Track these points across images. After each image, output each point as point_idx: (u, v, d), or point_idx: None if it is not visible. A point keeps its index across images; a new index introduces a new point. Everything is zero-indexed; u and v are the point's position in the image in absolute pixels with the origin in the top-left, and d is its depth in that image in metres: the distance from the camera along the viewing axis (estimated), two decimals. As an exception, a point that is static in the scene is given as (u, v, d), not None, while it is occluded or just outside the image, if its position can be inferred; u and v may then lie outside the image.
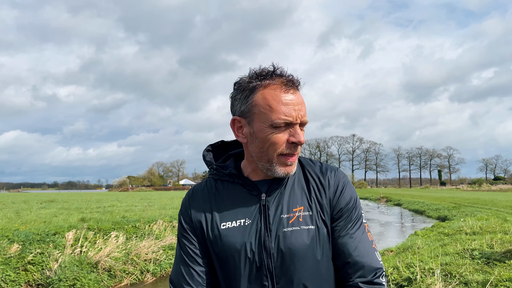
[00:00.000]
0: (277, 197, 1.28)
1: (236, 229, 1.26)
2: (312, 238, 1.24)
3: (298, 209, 1.26)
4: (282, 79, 1.23)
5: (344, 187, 1.33)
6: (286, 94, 1.22)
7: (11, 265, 8.14)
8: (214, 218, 1.30)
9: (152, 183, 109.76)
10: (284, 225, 1.24)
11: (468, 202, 25.23)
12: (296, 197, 1.29)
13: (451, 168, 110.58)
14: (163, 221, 12.67)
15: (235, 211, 1.28)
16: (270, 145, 1.23)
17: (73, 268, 8.36)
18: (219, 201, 1.32)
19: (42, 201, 23.61)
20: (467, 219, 13.41)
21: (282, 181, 1.29)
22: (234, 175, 1.32)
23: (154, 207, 18.54)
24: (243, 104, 1.26)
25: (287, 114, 1.20)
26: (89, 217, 12.98)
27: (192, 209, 1.34)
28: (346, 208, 1.31)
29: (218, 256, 1.28)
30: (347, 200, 1.32)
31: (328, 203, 1.30)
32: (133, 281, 9.13)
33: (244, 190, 1.31)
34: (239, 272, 1.24)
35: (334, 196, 1.31)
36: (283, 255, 1.22)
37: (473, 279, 5.48)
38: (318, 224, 1.26)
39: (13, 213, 14.22)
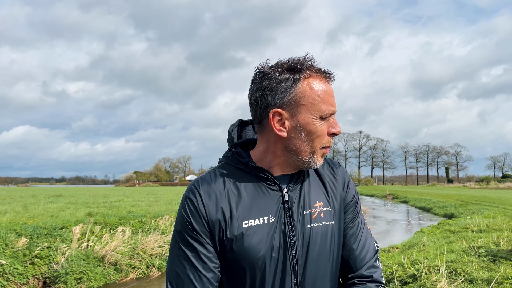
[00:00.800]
0: (298, 193, 1.23)
1: (260, 227, 1.17)
2: (332, 233, 1.25)
3: (319, 205, 1.24)
4: (321, 70, 1.20)
5: (349, 180, 1.36)
6: (327, 85, 1.20)
7: (19, 258, 8.24)
8: (234, 215, 1.17)
9: (158, 178, 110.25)
10: (308, 221, 1.20)
11: (475, 200, 25.07)
12: (316, 192, 1.27)
13: (458, 166, 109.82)
14: (169, 216, 12.73)
15: (257, 208, 1.18)
16: (317, 137, 1.18)
17: (80, 262, 8.44)
18: (238, 195, 1.20)
19: (49, 196, 23.83)
20: (473, 217, 13.34)
21: (301, 176, 1.26)
22: (254, 168, 1.22)
23: (160, 202, 18.64)
24: (285, 95, 1.16)
25: (333, 104, 1.20)
26: (96, 212, 13.08)
27: (207, 206, 1.18)
28: (353, 200, 1.34)
29: (239, 258, 1.16)
30: (353, 193, 1.35)
31: (340, 197, 1.31)
32: (139, 275, 9.21)
33: (263, 185, 1.21)
34: (264, 273, 1.16)
35: (343, 190, 1.33)
36: (308, 252, 1.19)
37: (479, 276, 5.46)
38: (337, 219, 1.28)
39: (21, 207, 14.37)
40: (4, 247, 8.34)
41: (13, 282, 7.75)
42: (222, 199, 1.19)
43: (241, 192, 1.20)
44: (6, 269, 7.77)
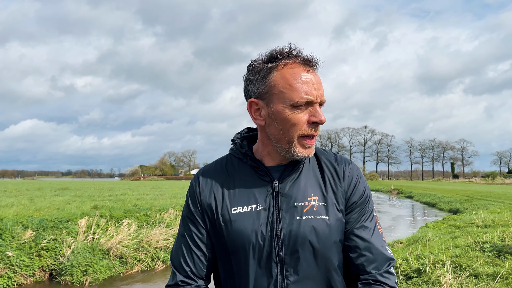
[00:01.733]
0: (291, 185, 1.24)
1: (247, 214, 1.22)
2: (326, 228, 1.21)
3: (313, 198, 1.23)
4: (300, 58, 1.20)
5: (358, 179, 1.31)
6: (306, 73, 1.18)
7: (25, 250, 8.32)
8: (225, 201, 1.25)
9: (163, 172, 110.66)
10: (298, 213, 1.20)
11: (480, 195, 24.96)
12: (311, 186, 1.25)
13: (464, 161, 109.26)
14: (174, 210, 12.79)
15: (247, 196, 1.24)
16: (290, 126, 1.19)
17: (86, 254, 8.50)
18: (231, 183, 1.27)
19: (55, 189, 23.99)
20: (479, 212, 13.28)
21: (296, 168, 1.26)
22: (248, 157, 1.28)
23: (165, 196, 18.72)
24: (260, 85, 1.22)
25: (308, 92, 1.17)
26: (102, 205, 13.16)
27: (202, 191, 1.29)
28: (360, 200, 1.29)
29: (226, 241, 1.23)
30: (361, 192, 1.30)
31: (343, 195, 1.27)
32: (144, 268, 9.27)
33: (256, 175, 1.27)
34: (248, 259, 1.20)
35: (349, 188, 1.28)
36: (295, 244, 1.19)
37: (483, 271, 5.44)
38: (332, 215, 1.23)
39: (27, 200, 14.48)
40: (11, 239, 8.41)
41: (19, 274, 7.83)
42: (217, 186, 1.29)
43: (235, 180, 1.28)
44: (12, 261, 7.85)
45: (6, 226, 8.72)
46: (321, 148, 1.37)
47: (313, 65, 1.21)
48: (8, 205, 12.38)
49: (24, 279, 7.89)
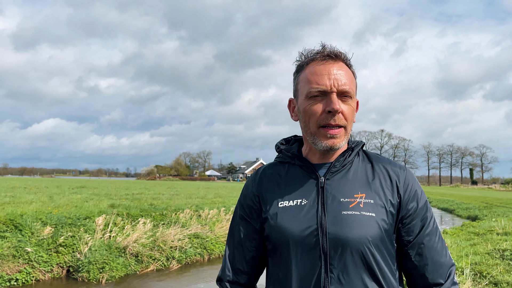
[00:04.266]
0: (338, 181, 1.27)
1: (292, 208, 1.25)
2: (372, 225, 1.20)
3: (360, 196, 1.24)
4: (321, 54, 1.26)
5: (415, 185, 1.30)
6: (323, 66, 1.24)
7: (44, 246, 8.46)
8: (274, 197, 1.30)
9: (178, 172, 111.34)
10: (344, 208, 1.22)
11: (500, 202, 24.44)
12: (359, 184, 1.26)
13: (483, 167, 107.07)
14: (190, 210, 12.85)
15: (294, 192, 1.28)
16: (309, 117, 1.24)
17: (102, 252, 8.61)
18: (280, 182, 1.33)
19: (73, 187, 24.36)
20: (499, 219, 13.00)
21: (342, 166, 1.29)
22: (296, 156, 1.33)
23: (180, 196, 18.83)
24: (294, 84, 1.34)
25: (320, 82, 1.22)
26: (118, 204, 13.30)
27: (255, 190, 1.36)
28: (416, 213, 1.27)
29: (272, 234, 1.27)
30: (420, 198, 1.29)
31: (396, 201, 1.26)
32: (159, 267, 9.33)
33: (303, 173, 1.31)
34: (292, 251, 1.23)
35: (405, 194, 1.27)
36: (340, 238, 1.19)
37: (504, 279, 5.32)
38: (379, 214, 1.22)
39: (46, 197, 14.73)
40: (30, 235, 8.57)
41: (38, 270, 7.96)
42: (268, 184, 1.35)
43: (284, 178, 1.34)
44: (31, 256, 7.99)
45: (26, 222, 8.89)
46: (376, 153, 1.38)
47: (334, 58, 1.25)
48: (28, 201, 12.62)
49: (42, 274, 8.02)
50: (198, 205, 14.25)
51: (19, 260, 7.85)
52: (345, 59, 1.27)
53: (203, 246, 10.72)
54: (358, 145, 1.35)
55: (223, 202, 16.09)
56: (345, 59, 1.27)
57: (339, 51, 1.26)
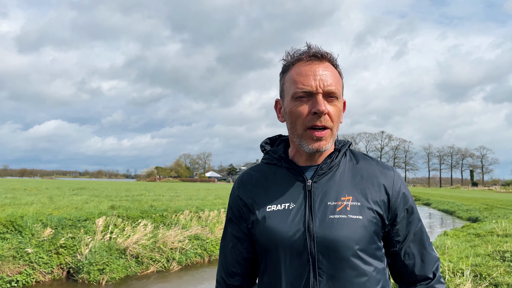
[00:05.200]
0: (325, 184, 1.26)
1: (280, 212, 1.25)
2: (359, 228, 1.20)
3: (347, 198, 1.23)
4: (307, 54, 1.24)
5: (401, 187, 1.30)
6: (308, 66, 1.22)
7: (44, 248, 8.46)
8: (261, 201, 1.30)
9: (179, 174, 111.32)
10: (331, 212, 1.21)
11: (501, 204, 24.41)
12: (346, 187, 1.25)
13: (484, 169, 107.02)
14: (190, 212, 12.85)
15: (281, 195, 1.28)
16: (296, 118, 1.23)
17: (103, 253, 8.60)
18: (267, 186, 1.32)
19: (74, 188, 24.35)
20: (499, 221, 12.99)
21: (329, 168, 1.28)
22: (282, 159, 1.32)
23: (180, 198, 18.82)
24: (280, 85, 1.32)
25: (305, 83, 1.20)
26: (119, 205, 13.30)
27: (241, 194, 1.36)
28: (407, 207, 1.29)
29: (260, 238, 1.27)
30: (408, 199, 1.30)
31: (384, 202, 1.26)
32: (160, 269, 9.33)
33: (290, 175, 1.30)
34: (280, 256, 1.23)
35: (393, 196, 1.27)
36: (328, 242, 1.18)
37: (504, 281, 5.32)
38: (366, 216, 1.21)
39: (46, 199, 14.73)
40: (31, 237, 8.57)
41: (38, 271, 7.96)
42: (254, 187, 1.34)
43: (270, 181, 1.33)
44: (32, 258, 7.99)
45: (26, 223, 8.89)
46: (363, 153, 1.37)
47: (320, 58, 1.23)
48: (28, 203, 12.62)
49: (43, 276, 8.02)
50: (198, 207, 14.25)
51: (20, 262, 7.85)
52: (331, 59, 1.26)
53: (203, 247, 10.71)
54: (345, 146, 1.33)
55: (223, 204, 16.08)
56: (331, 59, 1.26)
57: (325, 51, 1.25)
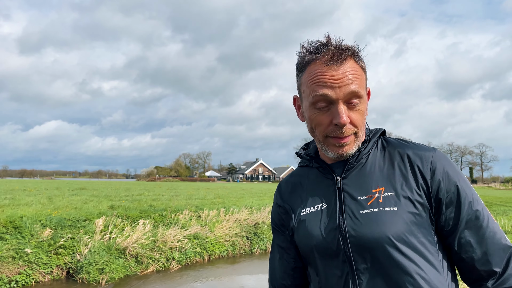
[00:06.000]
0: (354, 178, 1.16)
1: (313, 214, 1.19)
2: (394, 220, 1.07)
3: (378, 190, 1.12)
4: (327, 53, 1.09)
5: (444, 167, 1.12)
6: (326, 69, 1.08)
7: (44, 248, 8.46)
8: (297, 206, 1.26)
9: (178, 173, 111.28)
10: (362, 207, 1.11)
11: (500, 201, 24.44)
12: (377, 178, 1.14)
13: (483, 166, 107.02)
14: (189, 211, 12.85)
15: (314, 197, 1.22)
16: (316, 126, 1.14)
17: (102, 253, 8.60)
18: (302, 189, 1.28)
19: (73, 188, 24.34)
20: (499, 218, 13.00)
21: (357, 162, 1.18)
22: (313, 158, 1.26)
23: (180, 197, 18.82)
24: (297, 81, 1.19)
25: (325, 92, 1.08)
26: (118, 205, 13.29)
27: (280, 202, 1.33)
28: (454, 191, 1.10)
29: (299, 244, 1.23)
30: (452, 180, 1.11)
31: (423, 187, 1.10)
32: (159, 268, 9.33)
33: (321, 174, 1.23)
34: (317, 259, 1.17)
35: (433, 179, 1.10)
36: (361, 240, 1.09)
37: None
38: (403, 207, 1.08)
39: (46, 199, 14.72)
40: (30, 237, 8.57)
41: (37, 271, 7.96)
42: (291, 193, 1.31)
43: (305, 184, 1.28)
44: (31, 258, 7.99)
45: (26, 224, 8.89)
46: (399, 139, 1.23)
47: (340, 59, 1.08)
48: (27, 203, 12.61)
49: (42, 276, 8.02)
50: (198, 206, 14.24)
51: (19, 262, 7.85)
52: (353, 55, 1.11)
53: (203, 246, 10.72)
54: (375, 134, 1.22)
55: (223, 203, 16.08)
56: (353, 55, 1.11)
57: (346, 47, 1.11)
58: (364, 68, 1.15)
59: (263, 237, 12.47)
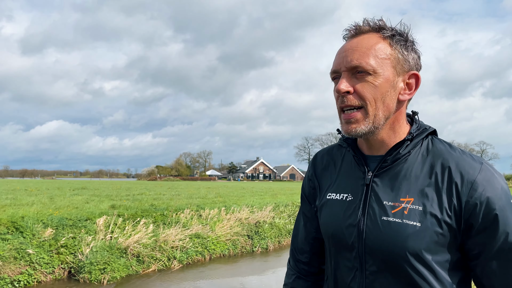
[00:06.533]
0: (385, 179, 1.09)
1: (337, 202, 1.17)
2: (415, 236, 1.01)
3: (407, 200, 1.04)
4: (350, 30, 1.11)
5: (485, 191, 0.99)
6: (343, 44, 1.10)
7: (45, 248, 8.47)
8: (326, 186, 1.25)
9: (179, 173, 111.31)
10: (385, 213, 1.06)
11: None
12: (409, 185, 1.06)
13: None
14: (190, 210, 12.86)
15: (342, 184, 1.19)
16: (336, 100, 1.12)
17: (104, 252, 8.62)
18: (334, 171, 1.25)
19: (74, 188, 24.36)
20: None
21: (393, 161, 1.09)
22: (350, 145, 1.19)
23: (181, 196, 18.84)
24: None
25: (334, 63, 1.10)
26: (119, 204, 13.31)
27: (311, 175, 1.32)
28: (490, 219, 0.99)
29: (320, 226, 1.26)
30: (491, 207, 0.99)
31: (455, 208, 1.01)
32: (161, 267, 9.34)
33: (354, 163, 1.18)
34: (332, 245, 1.18)
35: (469, 202, 1.00)
36: (376, 245, 1.06)
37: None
38: (428, 224, 1.01)
39: (47, 199, 14.74)
40: (31, 237, 8.58)
41: (39, 271, 7.98)
42: (323, 170, 1.29)
43: (338, 167, 1.25)
44: (33, 258, 8.00)
45: (27, 224, 8.90)
46: (447, 143, 1.12)
47: (353, 33, 1.09)
48: (29, 203, 12.63)
49: (44, 276, 8.04)
50: (199, 205, 14.25)
51: (21, 262, 7.86)
52: (374, 28, 1.07)
53: (204, 246, 10.73)
54: (421, 134, 1.11)
55: (223, 202, 16.09)
56: (374, 28, 1.07)
57: (366, 22, 1.08)
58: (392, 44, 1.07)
59: (264, 236, 12.49)
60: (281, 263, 10.67)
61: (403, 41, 1.08)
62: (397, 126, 1.11)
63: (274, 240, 12.77)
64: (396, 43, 1.07)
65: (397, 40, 1.07)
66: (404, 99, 1.09)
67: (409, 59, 1.08)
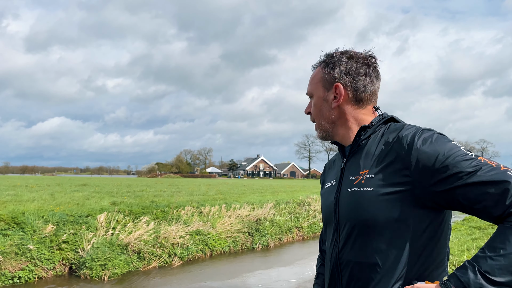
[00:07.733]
0: (352, 161, 1.36)
1: (327, 189, 1.47)
2: (369, 200, 1.23)
3: (364, 172, 1.28)
4: None
5: (414, 145, 1.17)
6: None
7: (46, 244, 8.48)
8: (326, 181, 1.53)
9: (180, 170, 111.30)
10: (350, 185, 1.31)
11: (501, 197, 24.43)
12: (367, 160, 1.30)
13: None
14: (191, 207, 12.86)
15: (331, 174, 1.50)
16: None
17: (105, 249, 8.63)
18: (333, 167, 1.53)
19: (75, 185, 24.37)
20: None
21: (356, 146, 1.37)
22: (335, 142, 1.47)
23: (182, 193, 18.84)
24: None
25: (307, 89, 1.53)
26: (120, 201, 13.31)
27: (322, 177, 1.63)
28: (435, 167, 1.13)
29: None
30: (429, 158, 1.14)
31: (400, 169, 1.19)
32: (161, 264, 9.35)
33: (339, 155, 1.48)
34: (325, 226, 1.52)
35: (407, 161, 1.18)
36: (343, 214, 1.32)
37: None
38: (379, 188, 1.21)
39: (48, 195, 14.74)
40: (32, 233, 8.59)
41: (40, 267, 7.99)
42: (328, 169, 1.58)
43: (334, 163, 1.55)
44: (34, 254, 8.01)
45: (28, 220, 8.91)
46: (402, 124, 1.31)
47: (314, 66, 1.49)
48: (29, 199, 12.63)
49: (45, 272, 8.05)
50: (200, 202, 14.26)
51: (22, 258, 7.87)
52: (320, 63, 1.45)
53: (204, 242, 10.74)
54: (379, 122, 1.37)
55: (224, 199, 16.10)
56: (320, 63, 1.45)
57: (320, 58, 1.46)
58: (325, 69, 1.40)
59: (264, 233, 12.49)
60: (281, 260, 10.68)
61: (331, 63, 1.40)
62: (350, 123, 1.40)
63: (274, 237, 12.78)
64: (324, 67, 1.41)
65: (326, 64, 1.41)
66: (335, 106, 1.40)
67: (335, 74, 1.38)
